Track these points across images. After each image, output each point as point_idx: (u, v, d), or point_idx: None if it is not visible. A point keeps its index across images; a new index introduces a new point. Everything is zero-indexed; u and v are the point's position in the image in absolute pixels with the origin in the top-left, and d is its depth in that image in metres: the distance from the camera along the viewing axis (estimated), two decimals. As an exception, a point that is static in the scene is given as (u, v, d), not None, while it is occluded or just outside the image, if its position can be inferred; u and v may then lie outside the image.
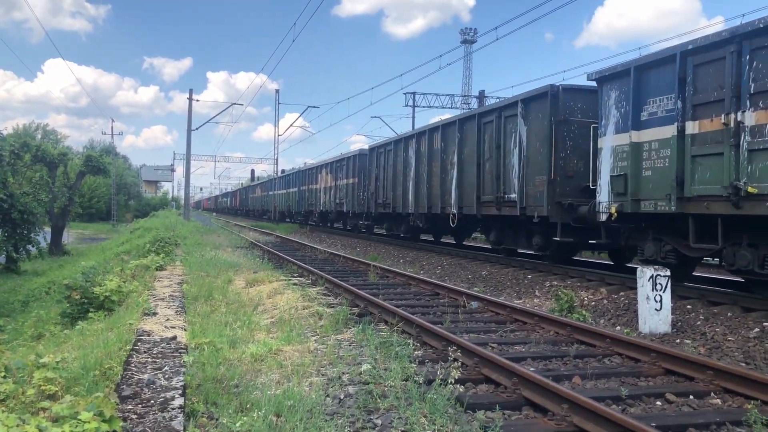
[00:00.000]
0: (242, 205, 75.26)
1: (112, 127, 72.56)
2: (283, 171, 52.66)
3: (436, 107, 42.91)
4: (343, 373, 5.78)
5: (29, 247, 26.32)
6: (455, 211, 17.14)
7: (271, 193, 51.36)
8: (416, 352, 6.62)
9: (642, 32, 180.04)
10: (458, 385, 5.10)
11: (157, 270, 13.20)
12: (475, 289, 12.18)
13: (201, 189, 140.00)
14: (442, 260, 17.38)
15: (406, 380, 5.35)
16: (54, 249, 31.66)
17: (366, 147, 27.70)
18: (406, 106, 41.27)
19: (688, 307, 9.39)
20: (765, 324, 8.10)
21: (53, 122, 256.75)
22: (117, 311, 9.78)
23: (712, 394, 5.55)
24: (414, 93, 41.23)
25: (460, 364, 5.61)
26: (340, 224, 34.41)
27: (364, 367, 5.88)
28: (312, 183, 36.25)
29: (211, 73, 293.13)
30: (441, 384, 4.96)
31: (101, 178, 55.06)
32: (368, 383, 5.38)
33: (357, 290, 10.53)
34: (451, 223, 17.49)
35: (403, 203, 21.43)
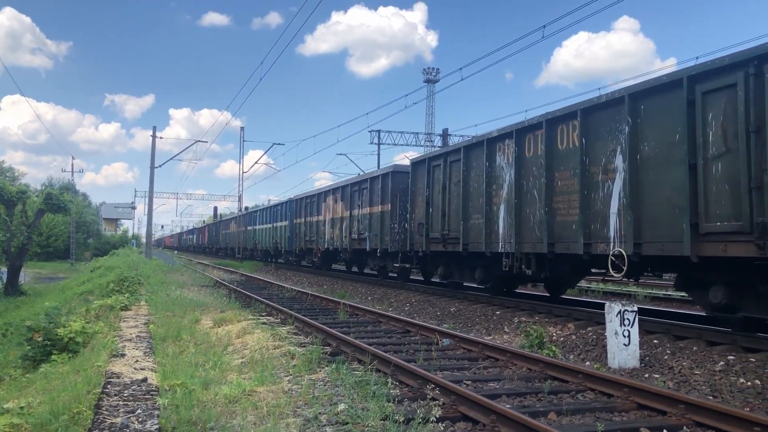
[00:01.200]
0: (211, 243, 67.22)
1: (72, 165, 71.43)
2: (246, 208, 52.30)
3: (401, 144, 43.43)
4: (320, 413, 5.73)
5: (-16, 287, 25.52)
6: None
7: (251, 228, 43.63)
8: (392, 391, 6.60)
9: (599, 72, 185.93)
10: (439, 423, 5.10)
11: (122, 310, 12.95)
12: (445, 325, 12.21)
13: (162, 227, 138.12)
14: (410, 297, 17.40)
15: (385, 419, 5.33)
16: (10, 289, 30.72)
17: (397, 163, 22.35)
18: (372, 143, 41.70)
19: (655, 341, 9.57)
20: (729, 357, 8.29)
21: (10, 159, 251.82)
22: (82, 353, 9.55)
23: (685, 428, 5.64)
24: (379, 131, 41.75)
25: (437, 402, 5.62)
26: (355, 267, 27.13)
27: (341, 406, 5.84)
28: (311, 215, 29.06)
29: (173, 109, 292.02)
30: (421, 423, 4.96)
31: (60, 216, 53.88)
32: (347, 423, 5.34)
33: (328, 329, 10.47)
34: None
35: (487, 238, 13.78)
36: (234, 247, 49.29)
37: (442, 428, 5.27)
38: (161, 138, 41.27)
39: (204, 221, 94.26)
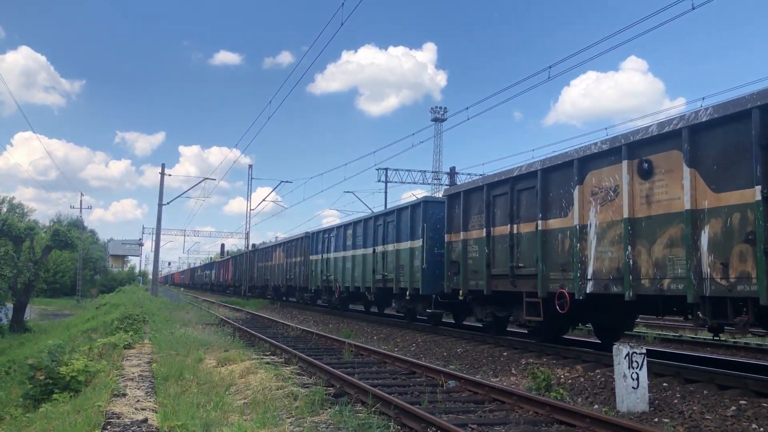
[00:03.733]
0: (238, 279, 50.65)
1: (81, 201, 71.71)
2: (254, 245, 52.29)
3: (408, 182, 43.58)
4: (322, 457, 5.62)
5: (-10, 324, 25.49)
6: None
7: (314, 257, 28.86)
8: (396, 434, 6.48)
9: (607, 111, 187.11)
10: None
11: (125, 348, 12.87)
12: (452, 366, 12.05)
13: (169, 263, 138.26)
14: (416, 336, 17.23)
15: (388, 464, 5.22)
16: (15, 326, 30.68)
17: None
18: (379, 181, 41.85)
19: (665, 384, 9.40)
20: (741, 402, 8.13)
21: (20, 195, 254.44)
22: (84, 392, 9.45)
23: (696, 475, 5.49)
24: (387, 169, 41.92)
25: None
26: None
27: (344, 450, 5.73)
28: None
29: (183, 147, 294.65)
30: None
31: (67, 252, 54.10)
32: (348, 468, 5.23)
33: (332, 369, 10.35)
34: None
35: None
36: (280, 285, 36.31)
37: (446, 474, 5.15)
38: (170, 175, 41.71)
39: (211, 258, 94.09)
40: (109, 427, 6.42)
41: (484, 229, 14.36)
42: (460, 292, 15.29)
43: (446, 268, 16.11)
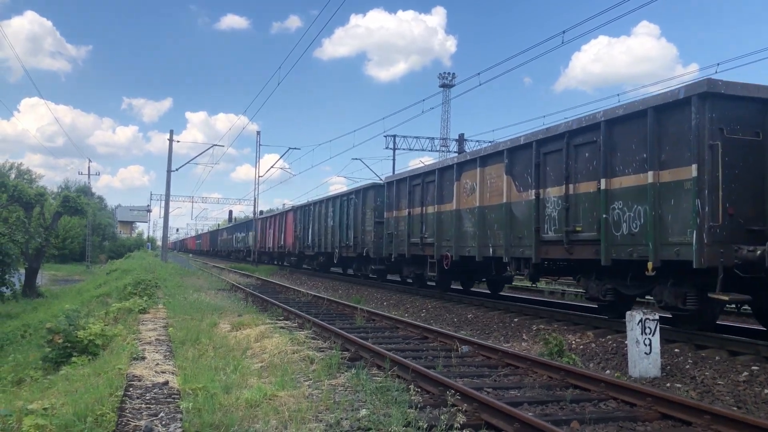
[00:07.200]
0: (312, 243, 31.14)
1: (89, 167, 71.68)
2: (261, 212, 52.41)
3: (417, 150, 43.39)
4: (342, 419, 5.71)
5: (4, 289, 25.72)
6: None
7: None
8: (413, 398, 6.57)
9: (619, 77, 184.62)
10: (462, 431, 5.07)
11: (140, 313, 13.02)
12: (462, 332, 12.16)
13: (177, 230, 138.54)
14: (426, 303, 17.36)
15: (408, 426, 5.31)
16: (28, 291, 30.96)
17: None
18: (387, 148, 41.67)
19: (676, 350, 9.47)
20: (753, 368, 8.19)
21: (28, 161, 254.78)
22: (102, 356, 9.58)
23: (711, 438, 5.58)
24: (395, 136, 41.68)
25: (459, 409, 5.59)
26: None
27: (363, 412, 5.83)
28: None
29: (190, 113, 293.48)
30: (445, 429, 4.93)
31: (76, 218, 54.34)
32: (369, 429, 5.32)
33: (346, 334, 10.47)
34: None
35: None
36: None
37: (466, 436, 5.24)
38: (178, 141, 41.59)
39: (219, 225, 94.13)
40: (131, 389, 6.54)
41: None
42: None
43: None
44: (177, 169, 40.57)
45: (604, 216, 10.75)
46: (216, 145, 42.58)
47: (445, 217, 16.69)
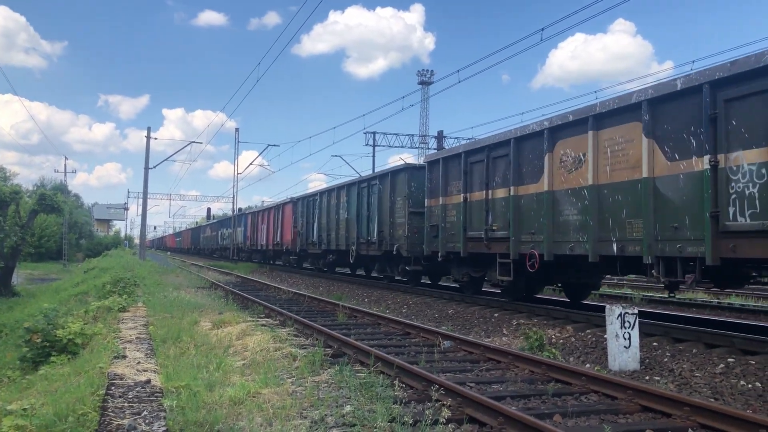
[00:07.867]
0: (317, 239, 27.28)
1: (65, 165, 70.77)
2: (240, 209, 52.07)
3: (396, 146, 43.39)
4: (327, 415, 5.72)
5: (-22, 288, 25.34)
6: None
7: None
8: (397, 393, 6.60)
9: (595, 74, 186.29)
10: (447, 425, 5.11)
11: (119, 312, 12.90)
12: (444, 327, 12.22)
13: (155, 227, 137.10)
14: (407, 299, 17.40)
15: (393, 421, 5.33)
16: (3, 290, 30.53)
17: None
18: (367, 145, 41.61)
19: (654, 344, 9.62)
20: (729, 360, 8.35)
21: (2, 159, 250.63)
22: (81, 355, 9.50)
23: (690, 430, 5.67)
24: (374, 133, 41.63)
25: (443, 404, 5.63)
26: None
27: (348, 408, 5.84)
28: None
29: (167, 110, 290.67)
30: (429, 425, 4.96)
31: (53, 216, 53.62)
32: (354, 425, 5.34)
33: (329, 330, 10.46)
34: None
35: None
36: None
37: (450, 430, 5.28)
38: (155, 138, 41.14)
39: (197, 223, 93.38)
40: (113, 388, 6.48)
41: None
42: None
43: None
44: (155, 167, 40.25)
45: None
46: (194, 142, 42.34)
47: (528, 202, 12.69)
